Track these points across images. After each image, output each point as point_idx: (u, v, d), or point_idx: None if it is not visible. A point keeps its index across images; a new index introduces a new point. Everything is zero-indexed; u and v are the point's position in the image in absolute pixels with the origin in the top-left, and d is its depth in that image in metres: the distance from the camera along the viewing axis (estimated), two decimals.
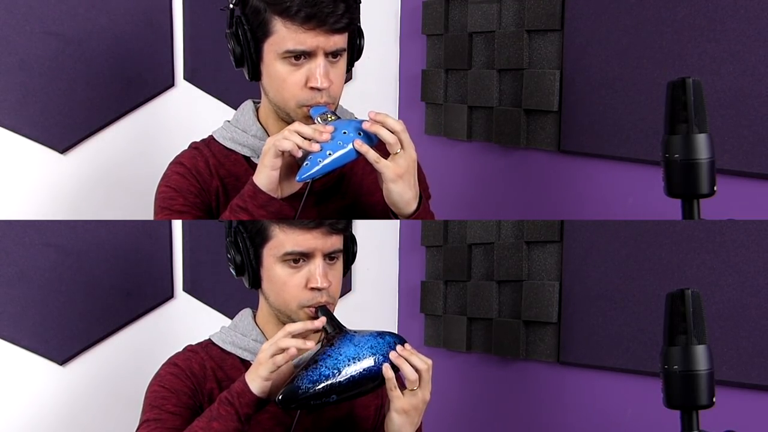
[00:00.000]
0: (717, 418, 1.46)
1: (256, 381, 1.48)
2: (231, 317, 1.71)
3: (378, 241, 2.57)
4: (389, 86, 2.56)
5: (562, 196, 2.12)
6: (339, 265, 1.62)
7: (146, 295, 2.28)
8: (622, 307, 1.94)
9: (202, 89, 2.36)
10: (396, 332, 1.57)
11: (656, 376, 1.45)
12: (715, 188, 1.42)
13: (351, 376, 1.49)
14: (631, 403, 1.93)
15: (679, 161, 1.41)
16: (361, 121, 1.57)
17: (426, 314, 2.48)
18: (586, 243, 2.02)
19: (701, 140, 1.41)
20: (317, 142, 1.55)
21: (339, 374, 1.48)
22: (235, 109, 1.76)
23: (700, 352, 1.41)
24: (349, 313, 1.70)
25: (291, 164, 1.60)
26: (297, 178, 1.55)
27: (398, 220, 2.55)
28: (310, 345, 1.50)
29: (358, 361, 1.49)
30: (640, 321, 1.90)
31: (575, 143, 2.06)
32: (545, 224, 2.10)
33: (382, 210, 1.64)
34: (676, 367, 1.41)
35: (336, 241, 1.59)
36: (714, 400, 1.42)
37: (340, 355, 1.50)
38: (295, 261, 1.57)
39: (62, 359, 2.20)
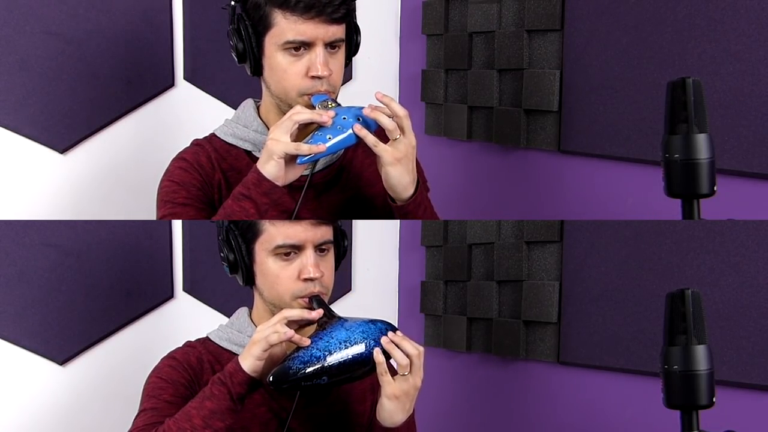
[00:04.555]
0: (717, 418, 1.46)
1: (248, 360, 1.50)
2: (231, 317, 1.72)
3: (378, 241, 2.57)
4: (389, 86, 2.56)
5: (562, 196, 2.12)
6: (330, 256, 1.64)
7: (146, 295, 2.28)
8: (622, 307, 1.94)
9: (202, 89, 2.36)
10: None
11: (656, 376, 1.45)
12: (715, 188, 1.42)
13: (342, 359, 1.50)
14: (631, 403, 1.93)
15: (679, 161, 1.41)
16: (361, 108, 1.60)
17: (426, 314, 2.48)
18: (586, 243, 2.02)
19: (701, 140, 1.41)
20: (317, 123, 1.59)
21: (330, 356, 1.50)
22: (235, 109, 1.78)
23: (700, 352, 1.41)
24: (349, 313, 1.69)
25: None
26: (298, 161, 1.58)
27: (398, 220, 2.55)
28: (306, 342, 1.51)
29: (350, 345, 1.51)
30: (640, 321, 1.90)
31: (575, 143, 2.06)
32: (545, 224, 2.10)
33: (382, 202, 1.67)
34: (676, 367, 1.41)
35: (326, 232, 1.62)
36: (714, 400, 1.42)
37: (332, 338, 1.52)
38: (287, 254, 1.60)
39: (62, 359, 2.20)
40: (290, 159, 1.59)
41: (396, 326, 1.57)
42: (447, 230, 2.40)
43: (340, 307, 2.42)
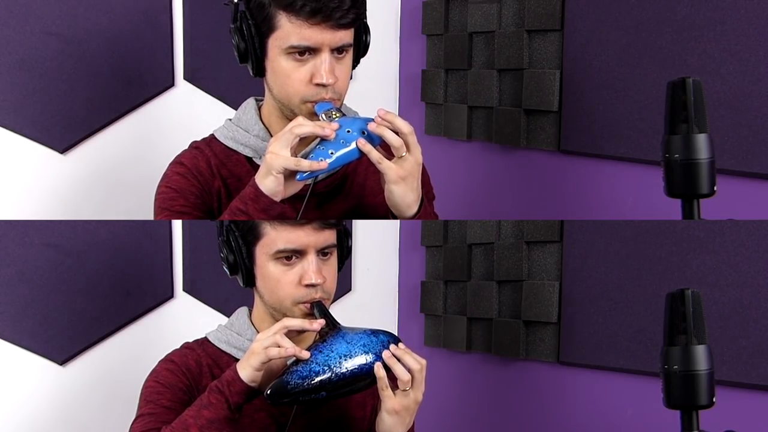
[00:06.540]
0: (717, 418, 1.46)
1: (246, 370, 1.47)
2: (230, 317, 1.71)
3: (378, 241, 2.56)
4: (389, 86, 2.56)
5: (562, 196, 2.12)
6: (333, 260, 1.60)
7: (146, 295, 2.28)
8: (622, 307, 1.94)
9: (202, 89, 2.36)
10: (392, 332, 1.56)
11: (656, 376, 1.45)
12: (715, 188, 1.42)
13: (341, 373, 1.47)
14: (631, 403, 1.93)
15: (679, 161, 1.41)
16: (366, 120, 1.55)
17: (426, 314, 2.48)
18: (586, 243, 2.02)
19: (701, 140, 1.41)
20: (320, 137, 1.53)
21: (329, 371, 1.47)
22: (236, 109, 1.74)
23: (700, 352, 1.41)
24: (349, 313, 1.70)
25: None
26: (297, 177, 1.53)
27: (398, 220, 2.55)
28: (306, 355, 1.48)
29: (350, 358, 1.48)
30: (640, 321, 1.90)
31: (575, 143, 2.06)
32: (545, 224, 2.10)
33: (384, 211, 1.63)
34: (676, 367, 1.41)
35: (329, 237, 1.57)
36: (714, 400, 1.42)
37: (332, 351, 1.48)
38: (288, 258, 1.56)
39: (62, 359, 2.20)
40: (290, 173, 1.53)
41: (398, 337, 1.53)
42: (447, 230, 2.40)
43: (340, 307, 2.42)
